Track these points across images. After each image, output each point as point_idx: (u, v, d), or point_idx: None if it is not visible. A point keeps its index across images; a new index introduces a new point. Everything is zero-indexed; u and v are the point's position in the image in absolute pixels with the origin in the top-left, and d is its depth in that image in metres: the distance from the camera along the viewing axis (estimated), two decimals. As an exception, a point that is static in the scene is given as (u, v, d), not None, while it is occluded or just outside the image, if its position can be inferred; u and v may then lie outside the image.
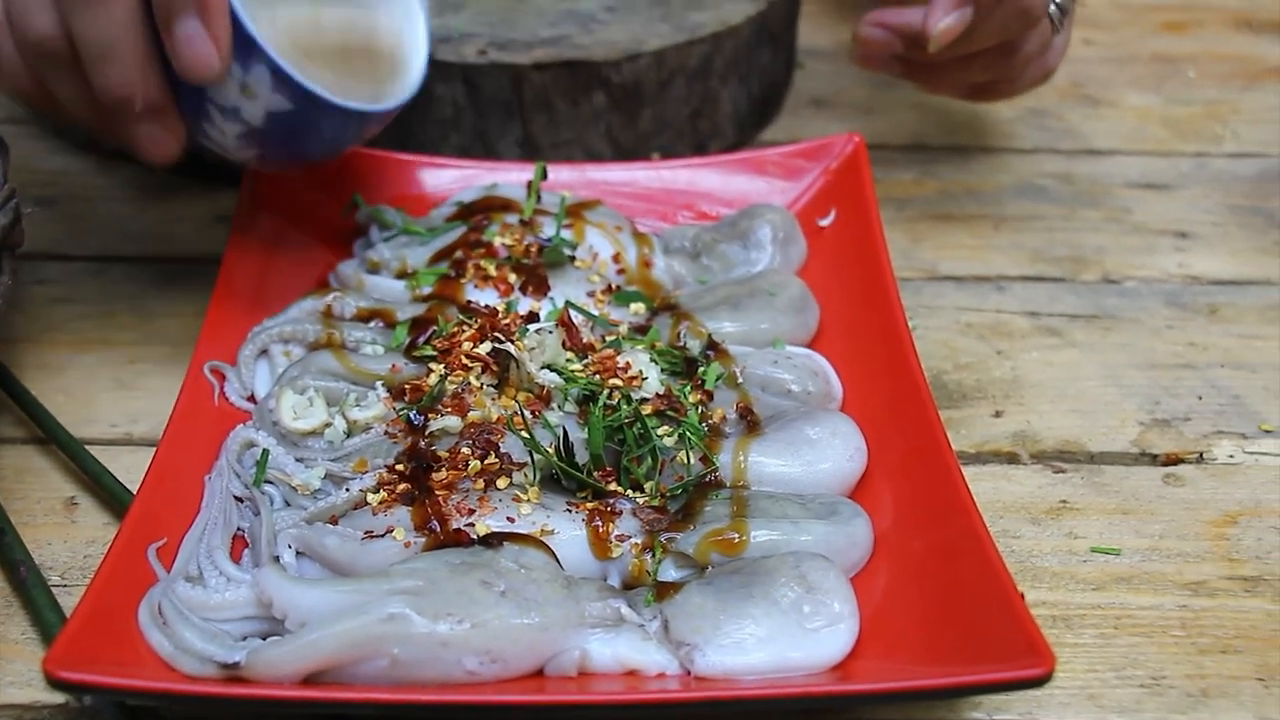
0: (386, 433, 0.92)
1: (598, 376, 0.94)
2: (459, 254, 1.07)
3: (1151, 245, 1.26)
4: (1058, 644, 0.84)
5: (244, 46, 0.88)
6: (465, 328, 0.97)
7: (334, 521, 0.87)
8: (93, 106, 0.90)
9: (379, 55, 1.02)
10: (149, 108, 0.89)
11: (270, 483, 0.90)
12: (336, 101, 0.93)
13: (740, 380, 0.97)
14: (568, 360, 0.96)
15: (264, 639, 0.79)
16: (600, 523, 0.85)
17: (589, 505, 0.86)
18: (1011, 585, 0.78)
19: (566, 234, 1.09)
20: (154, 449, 0.89)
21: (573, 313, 1.00)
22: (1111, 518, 0.96)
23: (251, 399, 0.98)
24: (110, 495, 0.94)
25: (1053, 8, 1.15)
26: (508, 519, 0.84)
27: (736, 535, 0.84)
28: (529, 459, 0.88)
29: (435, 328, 0.99)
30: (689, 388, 0.96)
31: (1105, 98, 1.50)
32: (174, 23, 0.85)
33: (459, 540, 0.82)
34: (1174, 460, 1.01)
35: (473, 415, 0.91)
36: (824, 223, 1.14)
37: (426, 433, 0.90)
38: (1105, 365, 1.10)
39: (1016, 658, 0.74)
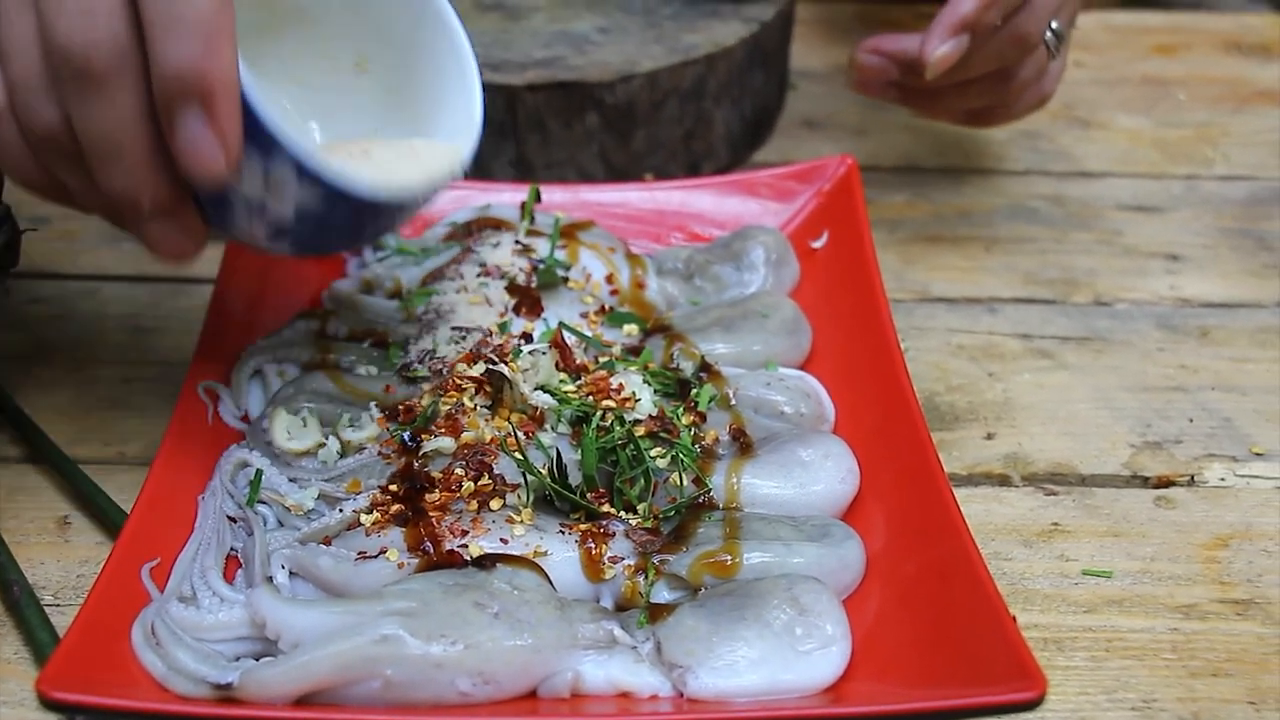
0: (380, 453, 0.92)
1: (591, 398, 0.95)
2: (452, 274, 1.07)
3: (1142, 267, 1.26)
4: (1049, 666, 0.84)
5: (263, 138, 0.78)
6: (459, 349, 0.98)
7: (327, 542, 0.87)
8: (105, 201, 0.81)
9: (420, 123, 0.95)
10: (159, 208, 0.80)
11: (264, 503, 0.91)
12: (370, 194, 0.83)
13: (733, 402, 0.98)
14: (561, 381, 0.96)
15: (257, 660, 0.79)
16: (593, 544, 0.85)
17: (582, 527, 0.87)
18: (1003, 608, 0.78)
19: (560, 255, 1.09)
20: (147, 468, 0.89)
21: (566, 334, 1.01)
22: (1103, 540, 0.96)
23: (245, 419, 0.98)
24: (103, 514, 0.94)
25: (1049, 34, 1.15)
26: (501, 540, 0.84)
27: (729, 557, 0.85)
28: (522, 480, 0.88)
29: (430, 349, 0.99)
30: (682, 409, 0.96)
31: (1096, 120, 1.51)
32: (175, 119, 0.76)
33: (452, 561, 0.83)
34: (1165, 483, 1.01)
35: (466, 436, 0.91)
36: (816, 245, 1.15)
37: (420, 454, 0.90)
38: (1097, 387, 1.10)
39: (1008, 680, 0.74)
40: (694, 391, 0.97)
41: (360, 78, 0.95)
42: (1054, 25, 1.15)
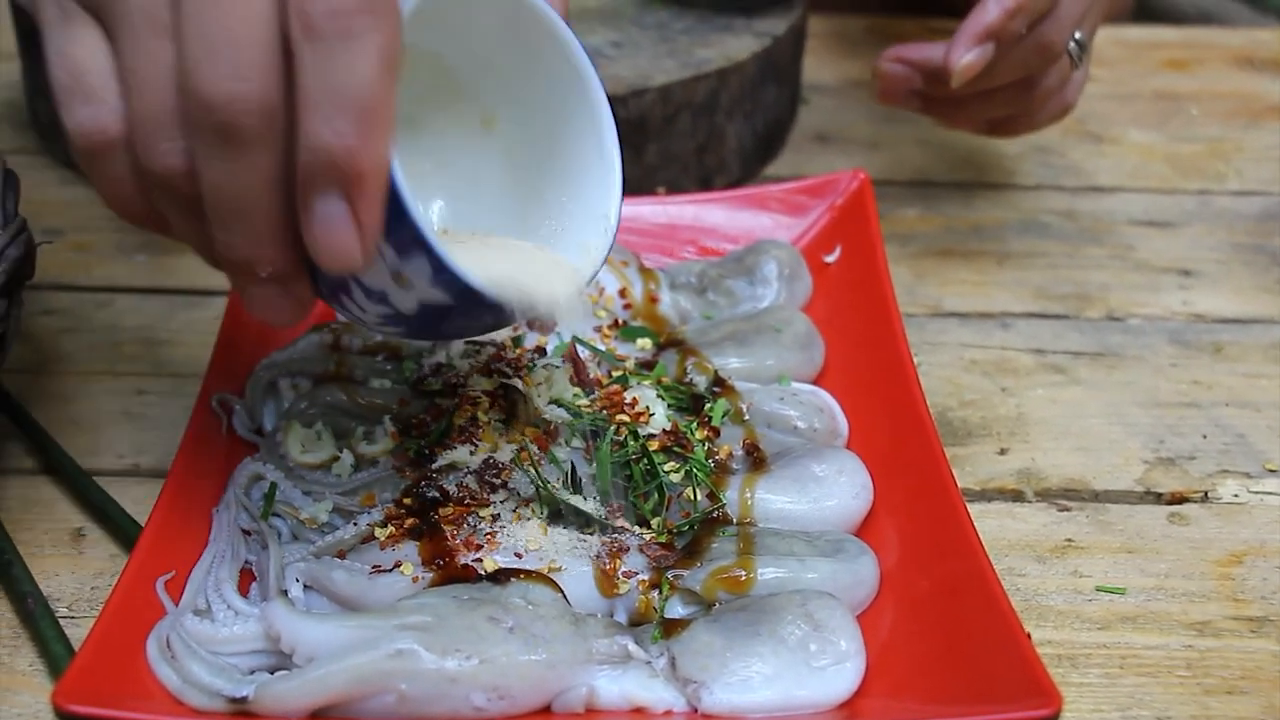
0: (394, 467, 0.92)
1: (605, 412, 0.95)
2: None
3: (1155, 283, 1.26)
4: (1063, 683, 0.83)
5: (404, 232, 0.73)
6: (472, 363, 0.98)
7: (342, 555, 0.87)
8: (212, 251, 0.75)
9: (548, 190, 0.91)
10: (275, 274, 0.74)
11: (278, 516, 0.91)
12: (501, 299, 0.78)
13: (746, 417, 0.98)
14: (575, 395, 0.96)
15: (272, 673, 0.79)
16: (607, 559, 0.85)
17: (596, 541, 0.87)
18: (1018, 624, 0.78)
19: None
20: (161, 480, 0.89)
21: (579, 348, 1.01)
22: (1116, 556, 0.96)
23: (259, 432, 0.98)
24: (118, 527, 0.95)
25: (1072, 44, 1.15)
26: (515, 555, 0.85)
27: (743, 573, 0.85)
28: (536, 495, 0.89)
29: (443, 363, 0.99)
30: (695, 424, 0.96)
31: (1108, 135, 1.51)
32: (314, 199, 0.68)
33: (467, 576, 0.83)
34: (1179, 499, 1.01)
35: (480, 450, 0.91)
36: (829, 259, 1.15)
37: (434, 467, 0.90)
38: (1110, 403, 1.10)
39: (1023, 697, 0.74)
40: (707, 406, 0.97)
41: (487, 136, 0.91)
42: (1077, 35, 1.15)
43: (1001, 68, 1.12)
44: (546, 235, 0.90)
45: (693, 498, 0.90)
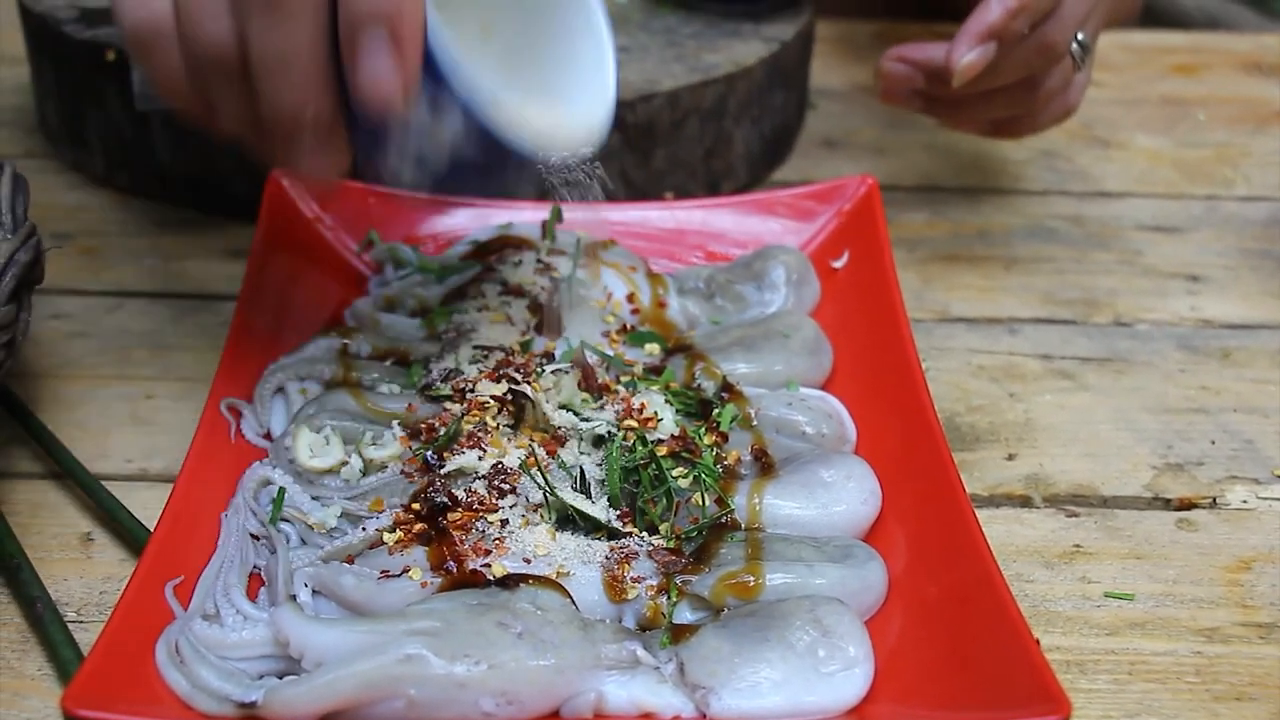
0: (403, 472, 0.92)
1: (613, 417, 0.95)
2: (473, 293, 1.08)
3: (1163, 288, 1.26)
4: (1072, 689, 0.83)
5: (437, 78, 0.81)
6: (481, 368, 0.98)
7: (350, 560, 0.87)
8: (255, 121, 0.83)
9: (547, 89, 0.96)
10: (318, 127, 0.82)
11: (286, 521, 0.91)
12: (532, 150, 0.87)
13: (755, 422, 0.98)
14: (583, 401, 0.96)
15: (280, 678, 0.79)
16: (616, 565, 0.85)
17: (605, 547, 0.87)
18: (1026, 630, 0.78)
19: (581, 274, 1.09)
20: (170, 485, 0.89)
21: (587, 353, 1.01)
22: (1125, 562, 0.96)
23: (268, 436, 0.98)
24: (126, 531, 0.95)
25: (1074, 45, 1.15)
26: (524, 560, 0.85)
27: (752, 578, 0.85)
28: (545, 500, 0.89)
29: (452, 368, 0.99)
30: (704, 429, 0.96)
31: (1115, 140, 1.51)
32: (359, 44, 0.77)
33: (475, 581, 0.83)
34: (1187, 505, 1.01)
35: (489, 455, 0.91)
36: (837, 264, 1.15)
37: (443, 472, 0.90)
38: (1118, 409, 1.10)
39: (1032, 703, 0.74)
40: (716, 411, 0.97)
41: (486, 43, 0.95)
42: (1080, 36, 1.15)
43: (1003, 68, 1.12)
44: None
45: (701, 503, 0.90)
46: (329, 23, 0.79)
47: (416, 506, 0.88)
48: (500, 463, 0.91)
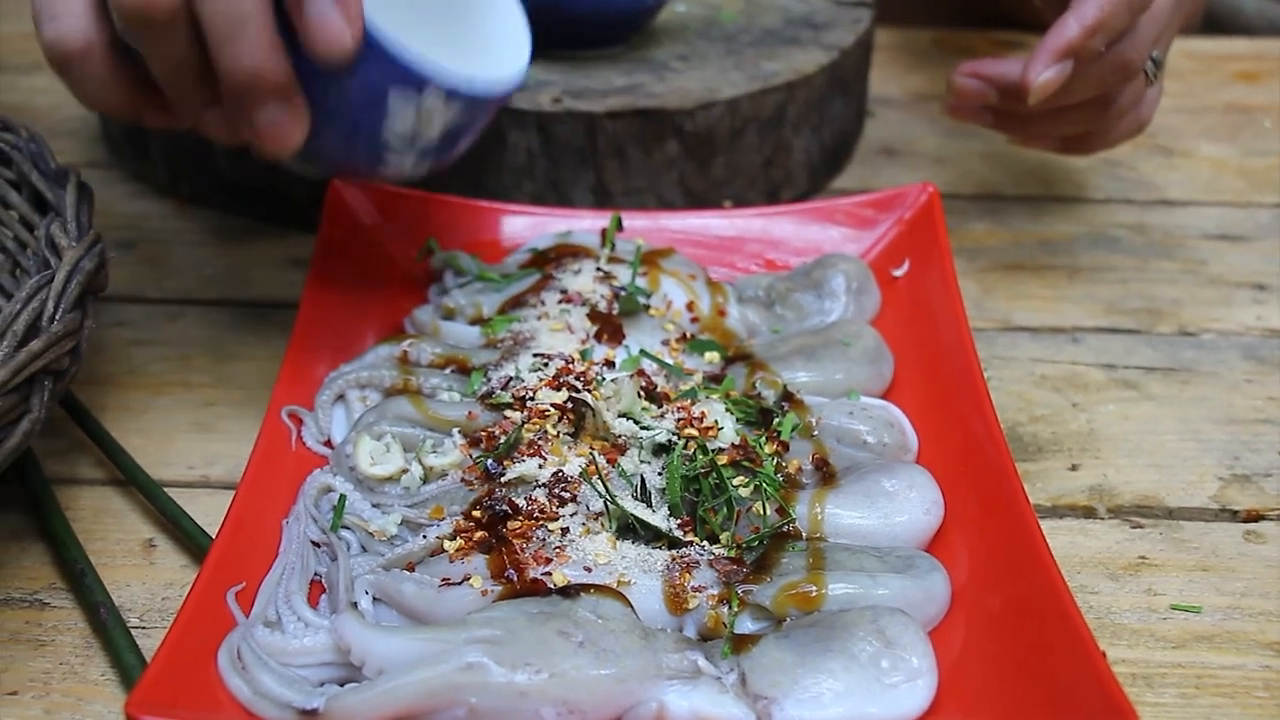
0: (463, 479, 0.92)
1: (674, 426, 0.94)
2: (533, 301, 1.08)
3: (1228, 297, 1.25)
4: (1139, 703, 0.82)
5: (417, 76, 0.89)
6: (540, 376, 0.98)
7: (410, 568, 0.87)
8: (202, 96, 0.89)
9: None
10: (277, 88, 0.86)
11: (347, 528, 0.91)
12: (497, 93, 0.94)
13: (816, 431, 0.97)
14: (643, 409, 0.96)
15: (342, 685, 0.79)
16: (677, 574, 0.85)
17: (665, 556, 0.86)
18: (1092, 642, 0.77)
19: (641, 282, 1.09)
20: (231, 492, 0.89)
21: (647, 362, 1.01)
22: (1192, 574, 0.95)
23: (328, 444, 0.98)
24: (188, 537, 0.95)
25: (1149, 62, 1.14)
26: (585, 569, 0.84)
27: (814, 588, 0.84)
28: (605, 509, 0.88)
29: (512, 376, 0.99)
30: (764, 438, 0.95)
31: (1179, 148, 1.49)
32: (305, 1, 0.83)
33: (536, 589, 0.83)
34: (1255, 517, 1.00)
35: (549, 463, 0.91)
36: (898, 273, 1.14)
37: (503, 480, 0.90)
38: (1183, 419, 1.09)
39: (1098, 716, 0.73)
40: (776, 420, 0.97)
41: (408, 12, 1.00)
42: (1154, 53, 1.14)
43: (1078, 85, 1.11)
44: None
45: (762, 512, 0.89)
46: None
47: (477, 514, 0.88)
48: (561, 471, 0.90)
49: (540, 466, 0.91)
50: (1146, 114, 1.22)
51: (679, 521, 0.89)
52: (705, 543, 0.88)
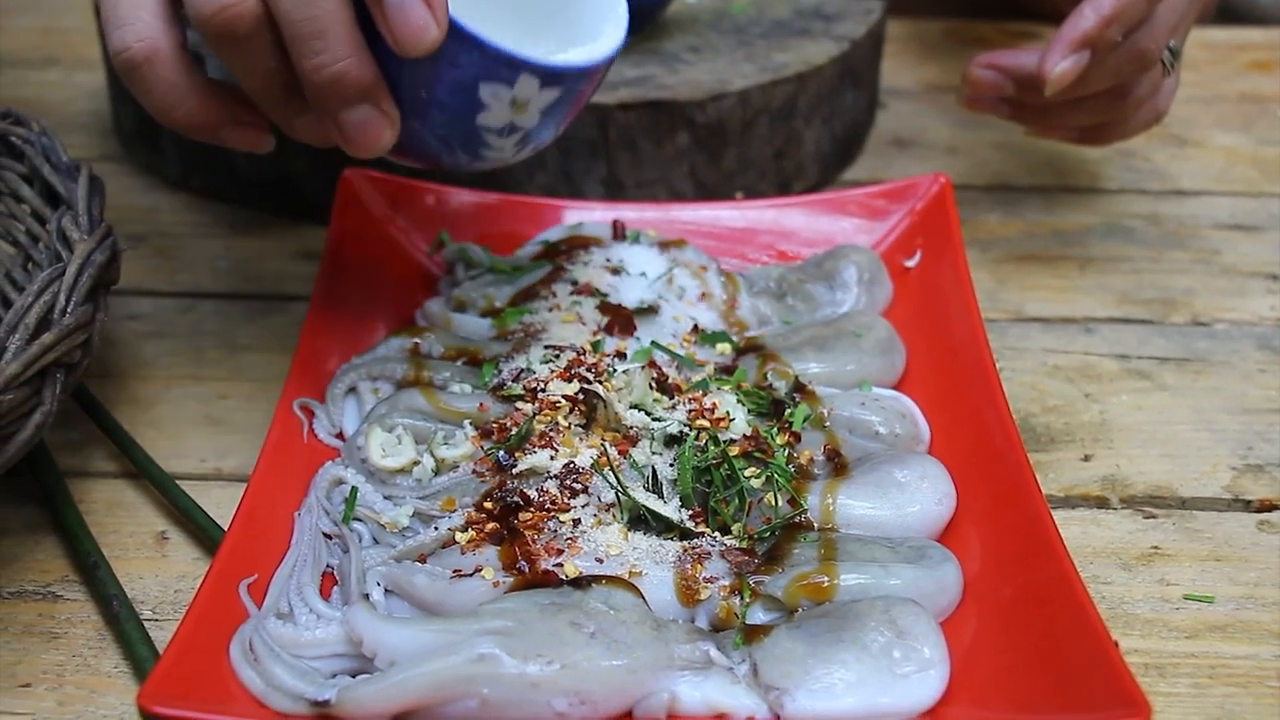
0: (474, 471, 0.92)
1: (685, 417, 0.94)
2: (544, 293, 1.08)
3: (1242, 287, 1.24)
4: (1151, 693, 0.82)
5: (506, 65, 0.85)
6: (552, 368, 0.98)
7: (422, 560, 0.87)
8: (294, 104, 0.87)
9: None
10: (362, 87, 0.84)
11: (359, 520, 0.91)
12: (587, 66, 0.89)
13: (827, 422, 0.97)
14: (655, 400, 0.96)
15: (354, 677, 0.79)
16: (689, 565, 0.85)
17: (677, 547, 0.86)
18: (1105, 632, 0.77)
19: (653, 273, 1.09)
20: (243, 484, 0.89)
21: (659, 353, 1.01)
22: (1204, 564, 0.94)
23: (340, 436, 0.98)
24: (200, 530, 0.95)
25: (1166, 51, 1.14)
26: (596, 560, 0.84)
27: (825, 579, 0.84)
28: (617, 500, 0.88)
29: (523, 368, 0.99)
30: (776, 429, 0.95)
31: (1192, 138, 1.49)
32: None
33: (548, 581, 0.83)
34: (1268, 507, 0.99)
35: (561, 455, 0.91)
36: (910, 264, 1.14)
37: (514, 472, 0.90)
38: (1196, 409, 1.09)
39: (1111, 707, 0.73)
40: (788, 411, 0.97)
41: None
42: (1171, 42, 1.14)
43: (1095, 76, 1.10)
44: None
45: (774, 503, 0.89)
46: None
47: (489, 506, 0.88)
48: (572, 462, 0.90)
49: (552, 458, 0.91)
50: (1164, 104, 1.22)
51: (690, 512, 0.89)
52: (717, 534, 0.88)
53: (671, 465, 0.91)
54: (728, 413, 0.95)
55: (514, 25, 0.95)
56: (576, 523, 0.87)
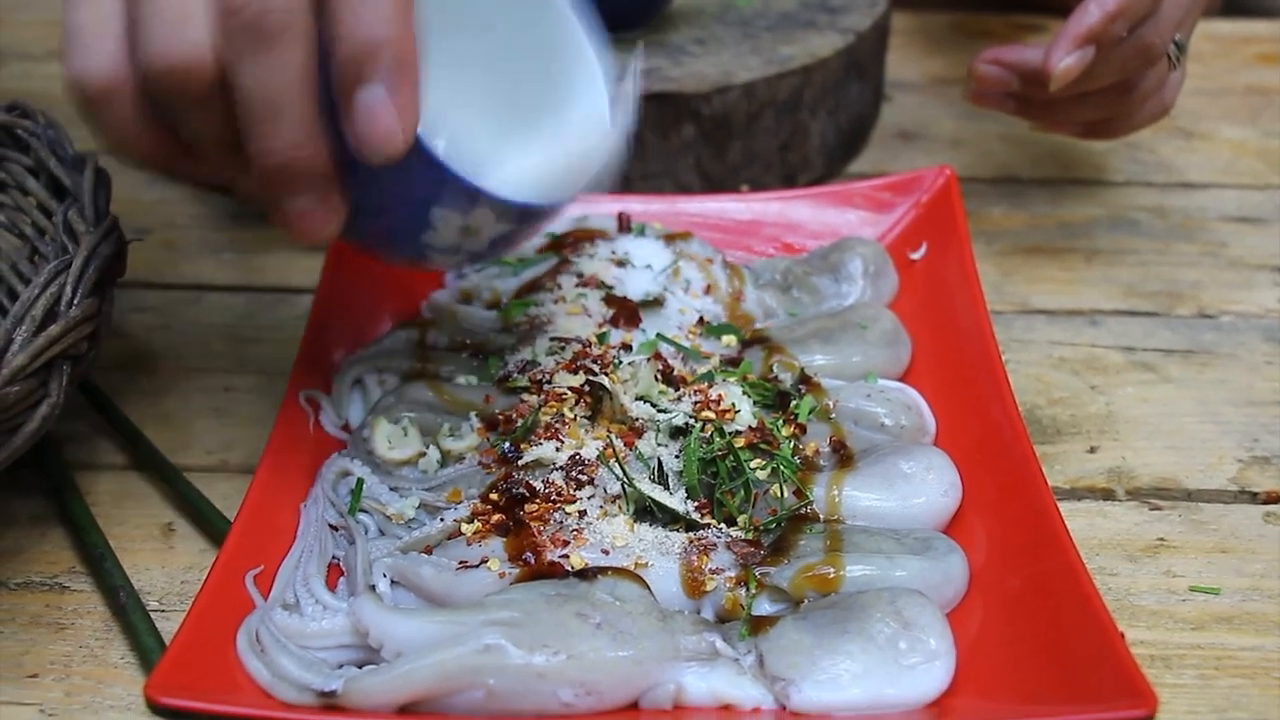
0: (480, 463, 0.92)
1: (690, 409, 0.94)
2: (549, 285, 1.08)
3: (1248, 280, 1.24)
4: (1157, 684, 0.81)
5: (465, 194, 0.80)
6: (557, 360, 0.98)
7: (428, 551, 0.87)
8: (235, 164, 0.78)
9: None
10: (311, 177, 0.77)
11: (365, 511, 0.91)
12: (550, 204, 0.87)
13: (833, 414, 0.97)
14: (660, 392, 0.96)
15: (360, 667, 0.79)
16: (694, 556, 0.85)
17: (683, 538, 0.86)
18: (1111, 623, 0.77)
19: (658, 265, 1.09)
20: (249, 476, 0.90)
21: (664, 345, 1.01)
22: (1210, 556, 0.94)
23: (346, 428, 0.98)
24: (207, 521, 0.95)
25: (1171, 46, 1.14)
26: (602, 551, 0.84)
27: (831, 570, 0.84)
28: (623, 491, 0.88)
29: (529, 360, 0.99)
30: (781, 421, 0.95)
31: (1199, 130, 1.48)
32: (356, 87, 0.73)
33: (554, 572, 0.83)
34: (1274, 498, 0.99)
35: (567, 446, 0.91)
36: (915, 256, 1.14)
37: (520, 463, 0.90)
38: (1202, 401, 1.09)
39: (1117, 698, 0.73)
40: (793, 403, 0.97)
41: (485, 75, 0.95)
42: (1176, 37, 1.14)
43: (1101, 70, 1.10)
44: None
45: (779, 495, 0.89)
46: (317, 62, 0.74)
47: (494, 497, 0.88)
48: (578, 454, 0.90)
49: (557, 450, 0.91)
50: (1170, 98, 1.22)
51: (696, 504, 0.89)
52: (723, 525, 0.88)
53: (677, 457, 0.91)
54: (733, 404, 0.95)
55: (488, 103, 0.94)
56: (582, 514, 0.87)
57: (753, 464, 0.90)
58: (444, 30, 0.86)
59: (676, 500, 0.88)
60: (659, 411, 0.94)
